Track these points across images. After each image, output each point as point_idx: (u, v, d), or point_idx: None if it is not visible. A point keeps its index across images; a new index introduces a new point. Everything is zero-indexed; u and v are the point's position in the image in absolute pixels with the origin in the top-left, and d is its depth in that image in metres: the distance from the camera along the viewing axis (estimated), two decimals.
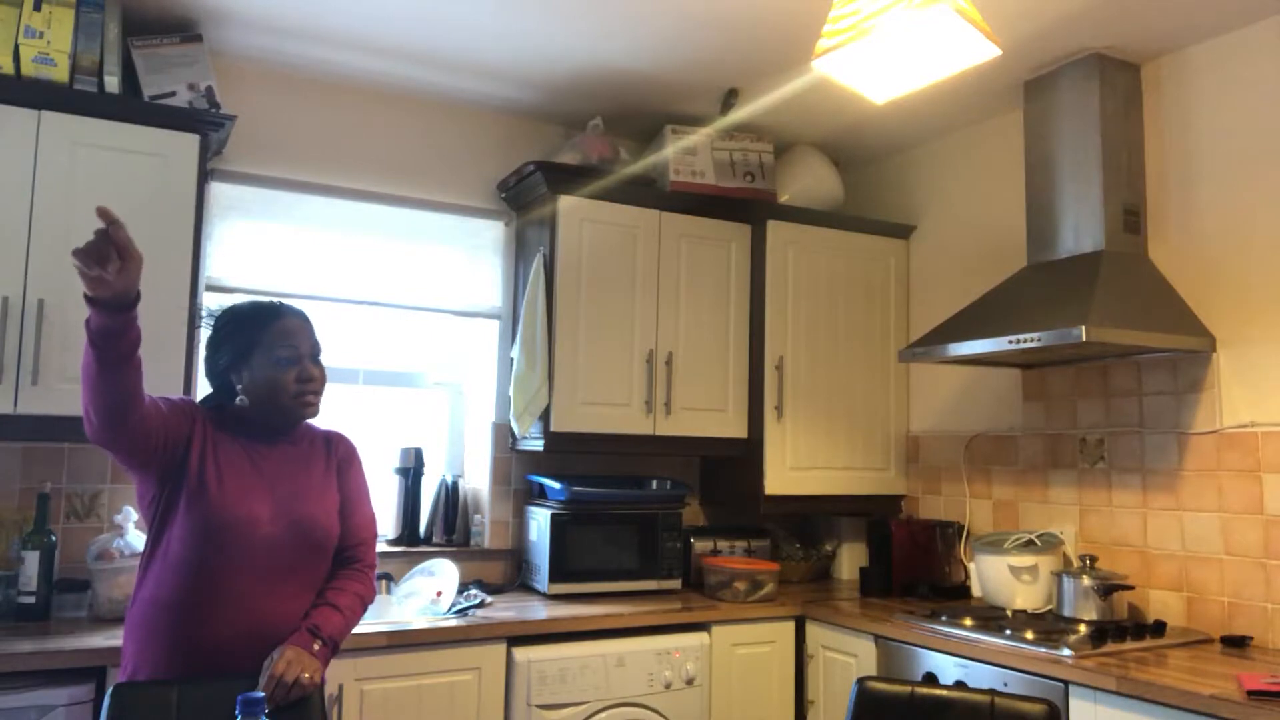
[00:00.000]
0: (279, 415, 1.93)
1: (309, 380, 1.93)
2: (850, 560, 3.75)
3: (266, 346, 1.90)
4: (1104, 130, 2.85)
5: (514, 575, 3.39)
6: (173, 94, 2.70)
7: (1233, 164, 2.73)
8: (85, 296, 1.56)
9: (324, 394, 1.98)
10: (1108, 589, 2.69)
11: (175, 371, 2.59)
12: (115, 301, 1.56)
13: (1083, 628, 2.60)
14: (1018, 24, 2.71)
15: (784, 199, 3.62)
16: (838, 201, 3.74)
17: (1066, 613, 2.74)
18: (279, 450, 1.96)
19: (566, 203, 3.19)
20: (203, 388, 2.03)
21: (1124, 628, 2.57)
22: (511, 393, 3.19)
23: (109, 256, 1.51)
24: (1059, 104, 2.97)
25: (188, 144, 2.66)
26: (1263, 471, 2.58)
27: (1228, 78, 2.75)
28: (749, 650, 3.05)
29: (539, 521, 3.19)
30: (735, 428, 3.43)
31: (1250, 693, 1.99)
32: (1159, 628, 2.60)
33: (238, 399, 1.93)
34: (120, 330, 1.59)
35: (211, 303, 2.04)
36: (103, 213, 1.50)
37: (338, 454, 2.06)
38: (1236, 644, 2.52)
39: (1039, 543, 2.98)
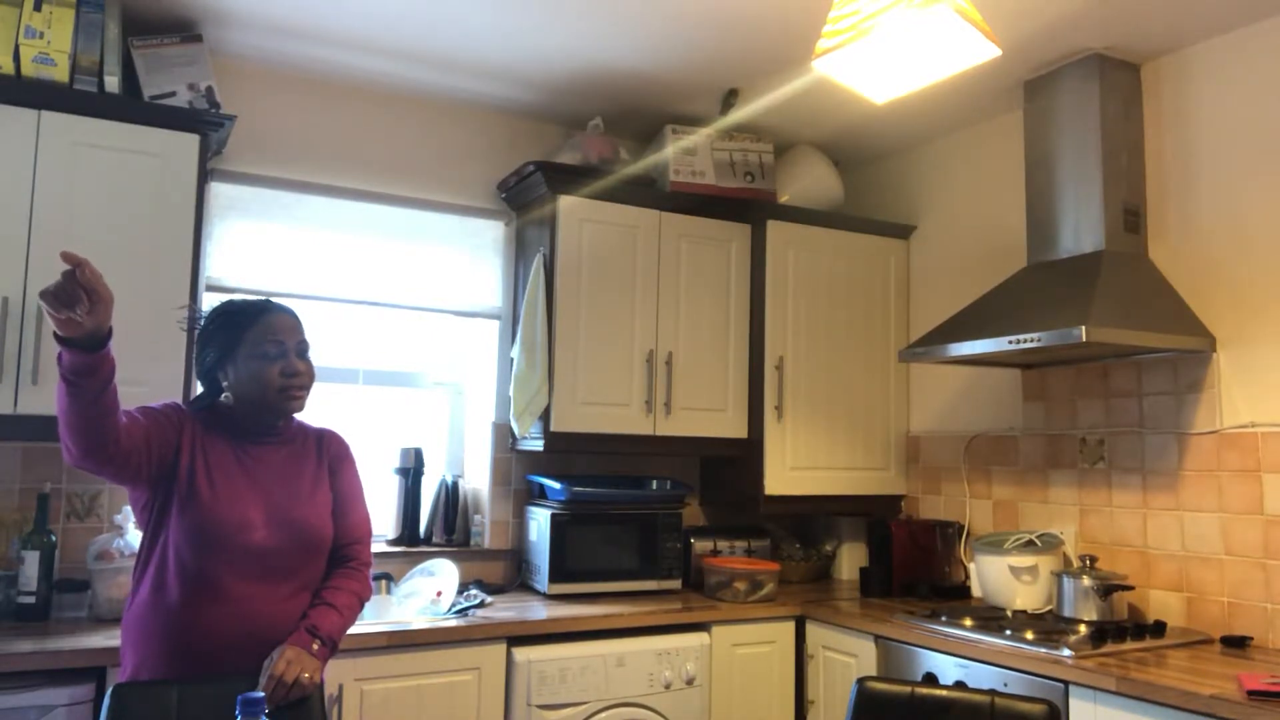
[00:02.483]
0: (265, 411, 1.92)
1: (294, 375, 1.92)
2: (850, 560, 3.75)
3: (252, 341, 1.90)
4: (1104, 130, 2.85)
5: (514, 575, 3.39)
6: (173, 94, 2.70)
7: (1233, 164, 2.73)
8: (55, 336, 1.54)
9: (310, 390, 1.97)
10: (1108, 589, 2.69)
11: (175, 373, 2.59)
12: (87, 341, 1.55)
13: (1083, 628, 2.60)
14: (1018, 24, 2.71)
15: (784, 199, 3.62)
16: (838, 201, 3.74)
17: (1066, 613, 2.74)
18: (270, 451, 1.96)
19: (566, 203, 3.19)
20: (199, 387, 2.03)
21: (1124, 628, 2.57)
22: (511, 393, 3.19)
23: (78, 298, 1.49)
24: (1059, 104, 2.97)
25: (188, 144, 2.66)
26: (1263, 471, 2.58)
27: (1228, 78, 2.75)
28: (749, 650, 3.05)
29: (539, 521, 3.18)
30: (735, 428, 3.43)
31: (1250, 693, 1.99)
32: (1159, 628, 2.60)
33: (223, 395, 1.93)
34: (93, 367, 1.57)
35: (207, 304, 2.04)
36: (67, 256, 1.47)
37: (330, 453, 2.05)
38: (1236, 644, 2.52)
39: (1039, 543, 2.98)
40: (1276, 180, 2.62)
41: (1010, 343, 2.68)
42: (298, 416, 2.06)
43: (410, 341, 3.49)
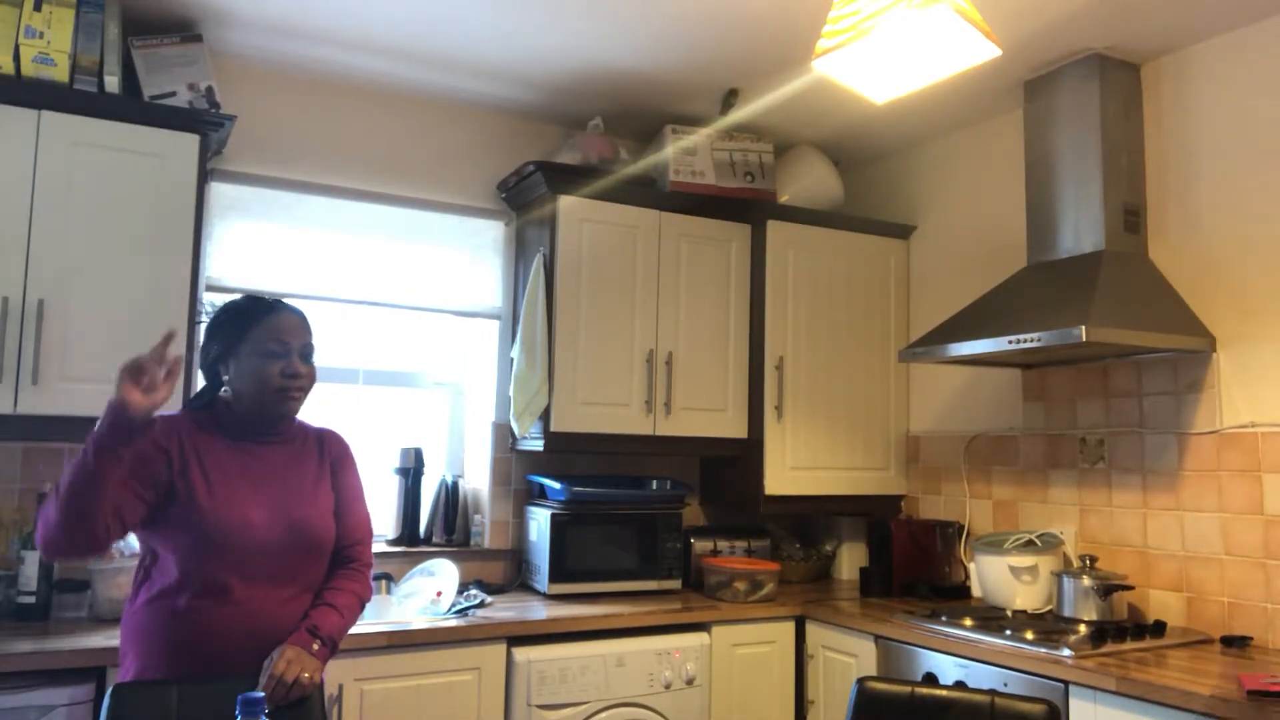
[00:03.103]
0: (261, 410, 1.91)
1: (294, 376, 1.91)
2: (850, 560, 3.75)
3: (256, 340, 1.90)
4: (1104, 130, 2.85)
5: (514, 575, 3.39)
6: (173, 94, 2.70)
7: (1233, 164, 2.73)
8: (112, 407, 1.59)
9: (310, 393, 1.97)
10: (1107, 589, 2.69)
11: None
12: (143, 420, 1.61)
13: (1083, 628, 2.60)
14: (1018, 24, 2.71)
15: (784, 199, 3.62)
16: (838, 201, 3.74)
17: (1066, 613, 2.74)
18: (270, 451, 1.95)
19: (566, 203, 3.19)
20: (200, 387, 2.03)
21: (1124, 628, 2.57)
22: (511, 393, 3.19)
23: (158, 369, 1.62)
24: (1059, 104, 2.97)
25: (188, 144, 2.66)
26: (1263, 471, 2.58)
27: (1228, 78, 2.75)
28: (749, 650, 3.05)
29: (539, 521, 3.19)
30: (735, 428, 3.43)
31: (1250, 693, 1.99)
32: (1159, 628, 2.60)
33: (222, 391, 1.93)
34: (127, 440, 1.63)
35: (212, 300, 2.04)
36: (170, 336, 1.65)
37: (331, 453, 2.05)
38: (1236, 644, 2.52)
39: (1039, 543, 2.98)
40: (1276, 180, 2.62)
41: (1010, 343, 2.68)
42: (298, 416, 2.05)
43: (410, 341, 3.49)
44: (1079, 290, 2.67)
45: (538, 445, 3.15)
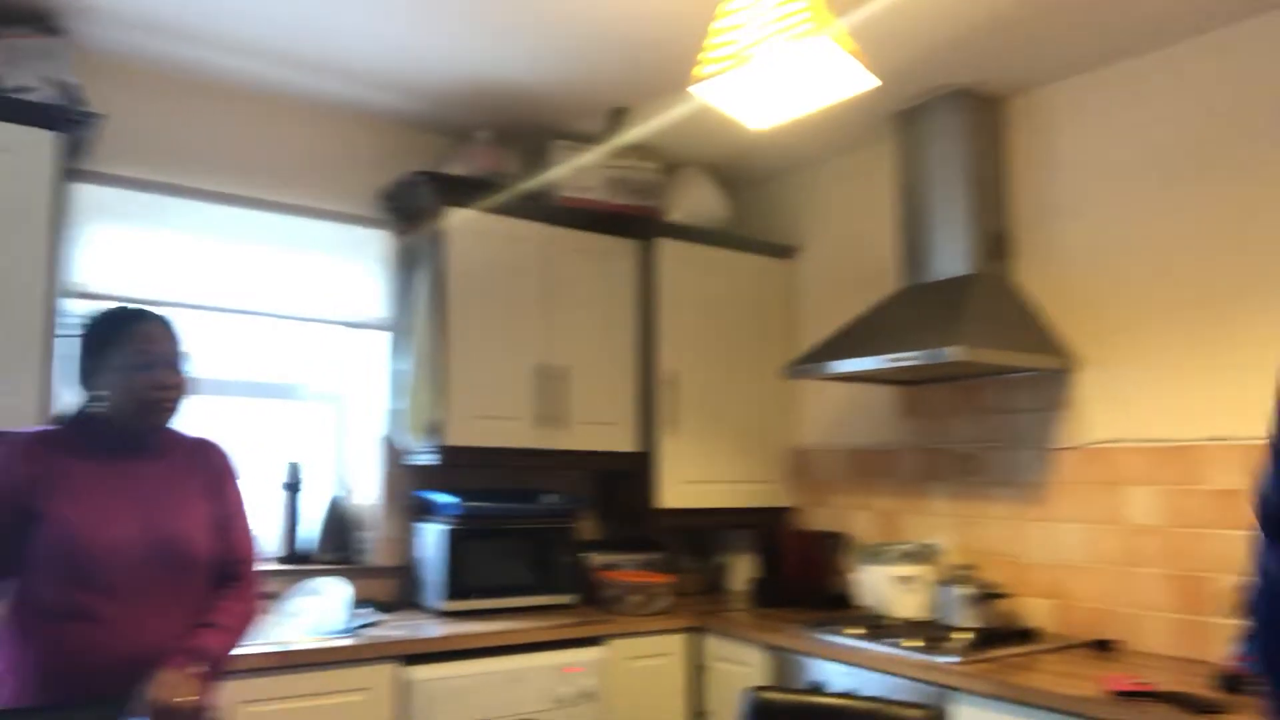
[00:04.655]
0: (134, 421, 1.85)
1: (163, 387, 1.86)
2: (743, 572, 3.80)
3: (124, 351, 1.83)
4: (969, 161, 2.98)
5: (403, 592, 3.31)
6: (31, 89, 2.53)
7: (1091, 194, 2.89)
8: None
9: (183, 402, 1.91)
10: (985, 597, 2.81)
11: (29, 384, 2.39)
12: None
13: (963, 635, 2.70)
14: (889, 56, 2.81)
15: (673, 218, 3.66)
16: (724, 222, 3.79)
17: (947, 620, 2.85)
18: (143, 466, 1.88)
19: (454, 214, 3.13)
20: (64, 397, 1.93)
21: (1001, 634, 2.68)
22: (402, 406, 3.13)
23: None
24: (927, 135, 3.09)
25: (41, 140, 2.48)
26: (1120, 485, 2.74)
27: (1085, 113, 2.92)
28: (645, 663, 3.07)
29: (430, 537, 3.12)
30: (629, 442, 3.45)
31: (1116, 693, 2.11)
32: (1033, 634, 2.73)
33: (96, 405, 1.86)
34: None
35: (81, 309, 1.95)
36: None
37: (209, 465, 1.98)
38: (1103, 647, 2.66)
39: (920, 553, 3.09)
40: (1130, 211, 2.79)
41: (890, 361, 2.76)
42: (176, 427, 1.97)
43: (292, 352, 3.36)
44: (948, 312, 2.79)
45: (430, 459, 3.09)
